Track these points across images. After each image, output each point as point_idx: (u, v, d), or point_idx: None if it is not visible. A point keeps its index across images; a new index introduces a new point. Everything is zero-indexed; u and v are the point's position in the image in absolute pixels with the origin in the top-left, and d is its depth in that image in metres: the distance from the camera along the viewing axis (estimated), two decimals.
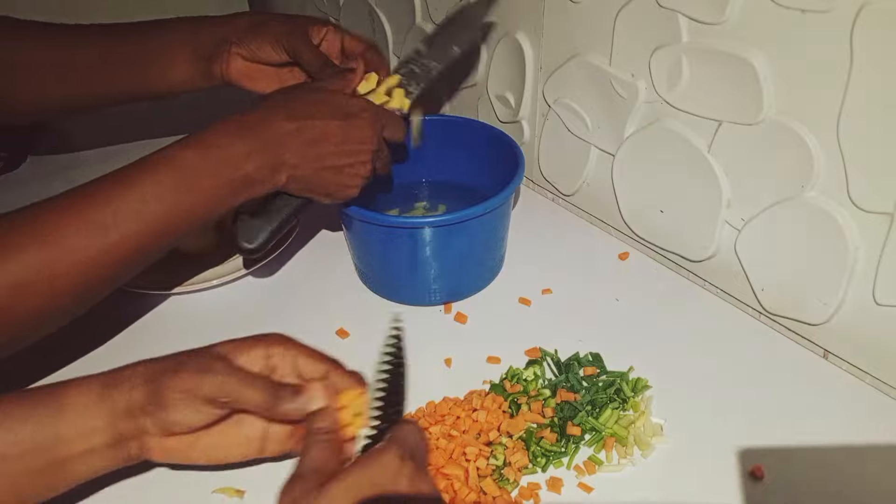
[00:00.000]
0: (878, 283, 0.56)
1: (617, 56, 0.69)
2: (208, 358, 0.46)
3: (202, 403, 0.45)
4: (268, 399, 0.46)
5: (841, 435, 0.56)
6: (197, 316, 0.70)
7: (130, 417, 0.45)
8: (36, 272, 0.48)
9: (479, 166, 0.76)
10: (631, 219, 0.75)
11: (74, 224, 0.50)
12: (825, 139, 0.55)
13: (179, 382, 0.45)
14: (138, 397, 0.45)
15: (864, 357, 0.60)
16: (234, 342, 0.48)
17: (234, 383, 0.45)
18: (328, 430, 0.44)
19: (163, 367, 0.46)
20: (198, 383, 0.45)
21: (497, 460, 0.54)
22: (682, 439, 0.56)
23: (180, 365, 0.46)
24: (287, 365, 0.49)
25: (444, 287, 0.69)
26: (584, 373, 0.62)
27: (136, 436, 0.46)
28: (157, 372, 0.46)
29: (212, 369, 0.45)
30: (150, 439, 0.46)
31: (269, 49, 0.67)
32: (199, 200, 0.54)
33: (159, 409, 0.45)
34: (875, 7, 0.48)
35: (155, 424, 0.45)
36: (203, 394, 0.45)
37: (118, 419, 0.45)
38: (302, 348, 0.49)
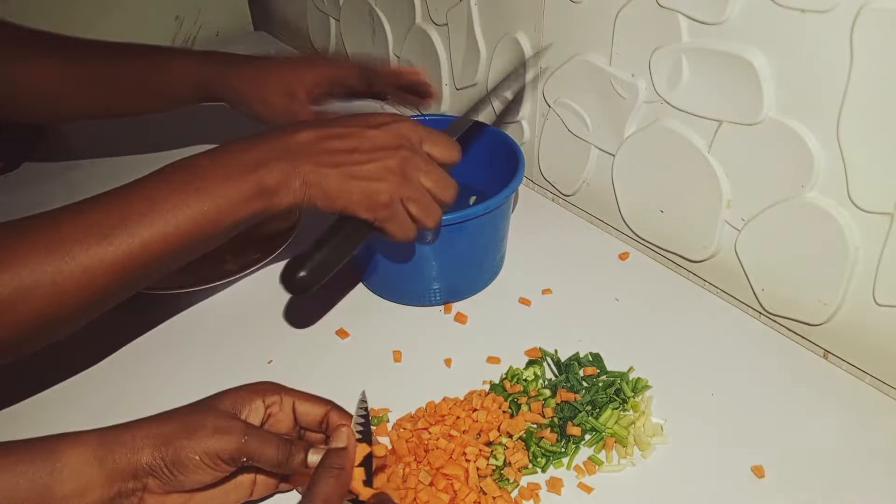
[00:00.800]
0: (878, 283, 0.56)
1: (617, 56, 0.69)
2: (221, 417, 0.46)
3: (220, 464, 0.45)
4: (282, 456, 0.46)
5: (841, 435, 0.56)
6: (197, 316, 0.70)
7: (134, 478, 0.45)
8: (41, 276, 0.48)
9: (479, 166, 0.76)
10: (631, 219, 0.75)
11: (83, 232, 0.49)
12: (825, 139, 0.55)
13: (199, 445, 0.45)
14: (147, 460, 0.44)
15: (864, 357, 0.60)
16: (232, 395, 0.48)
17: (254, 444, 0.46)
18: (340, 466, 0.45)
19: (172, 428, 0.46)
20: (219, 445, 0.45)
21: (497, 460, 0.54)
22: (682, 439, 0.56)
23: (194, 426, 0.46)
24: (284, 412, 0.49)
25: (444, 287, 0.69)
26: (584, 373, 0.62)
27: (134, 494, 0.45)
28: (168, 435, 0.45)
29: (230, 430, 0.46)
30: (149, 497, 0.46)
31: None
32: (208, 206, 0.52)
33: (175, 471, 0.45)
34: (875, 7, 0.48)
35: (161, 484, 0.45)
36: (225, 455, 0.45)
37: (118, 479, 0.44)
38: (296, 394, 0.50)
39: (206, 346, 0.67)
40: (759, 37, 0.56)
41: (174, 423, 0.46)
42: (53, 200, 0.54)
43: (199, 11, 1.25)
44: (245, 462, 0.46)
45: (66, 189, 0.89)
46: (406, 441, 0.56)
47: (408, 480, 0.53)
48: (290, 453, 0.46)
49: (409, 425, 0.57)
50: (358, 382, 0.62)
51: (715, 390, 0.60)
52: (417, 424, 0.57)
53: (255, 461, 0.46)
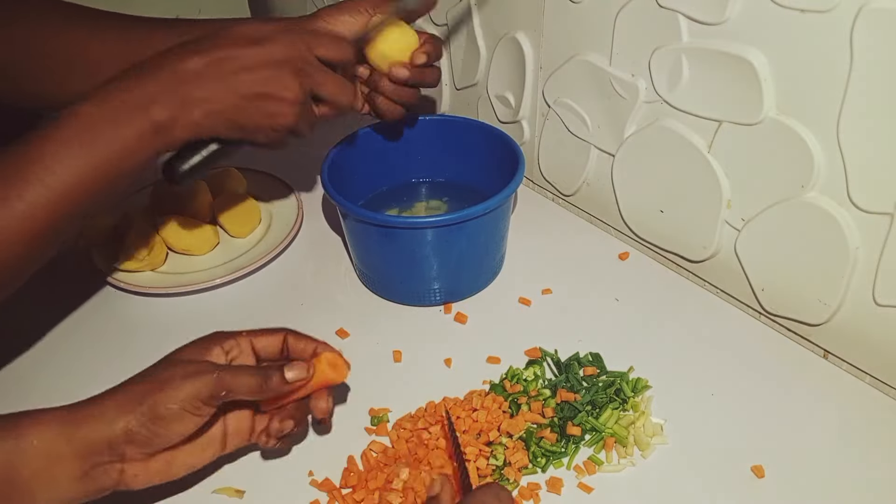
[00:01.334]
0: (878, 283, 0.56)
1: (617, 56, 0.69)
2: (187, 364, 0.46)
3: (200, 406, 0.45)
4: (260, 379, 0.46)
5: (841, 435, 0.56)
6: (197, 316, 0.70)
7: (109, 449, 0.44)
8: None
9: (479, 166, 0.76)
10: (631, 219, 0.75)
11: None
12: (825, 139, 0.55)
13: (174, 393, 0.44)
14: (122, 426, 0.44)
15: (864, 357, 0.60)
16: (189, 348, 0.48)
17: (228, 376, 0.45)
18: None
19: (142, 389, 0.45)
20: (195, 386, 0.44)
21: (497, 460, 0.54)
22: (682, 439, 0.56)
23: (163, 379, 0.45)
24: (244, 353, 0.50)
25: (444, 287, 0.69)
26: (584, 373, 0.62)
27: (112, 466, 0.44)
28: (140, 394, 0.45)
29: (200, 371, 0.45)
30: (131, 466, 0.45)
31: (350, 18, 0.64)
32: (104, 156, 0.50)
33: (155, 428, 0.44)
34: (875, 7, 0.48)
35: (140, 449, 0.44)
36: (204, 395, 0.45)
37: (91, 454, 0.43)
38: (250, 332, 0.50)
39: None
40: (759, 37, 0.56)
41: (142, 384, 0.45)
42: None
43: (199, 11, 1.25)
44: (224, 396, 0.45)
45: None
46: (406, 441, 0.56)
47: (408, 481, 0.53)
48: (266, 375, 0.46)
49: (409, 425, 0.57)
50: (358, 382, 0.62)
51: (715, 390, 0.60)
52: (417, 424, 0.57)
53: (233, 392, 0.45)
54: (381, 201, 0.78)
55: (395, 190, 0.79)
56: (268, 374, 0.47)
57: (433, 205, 0.78)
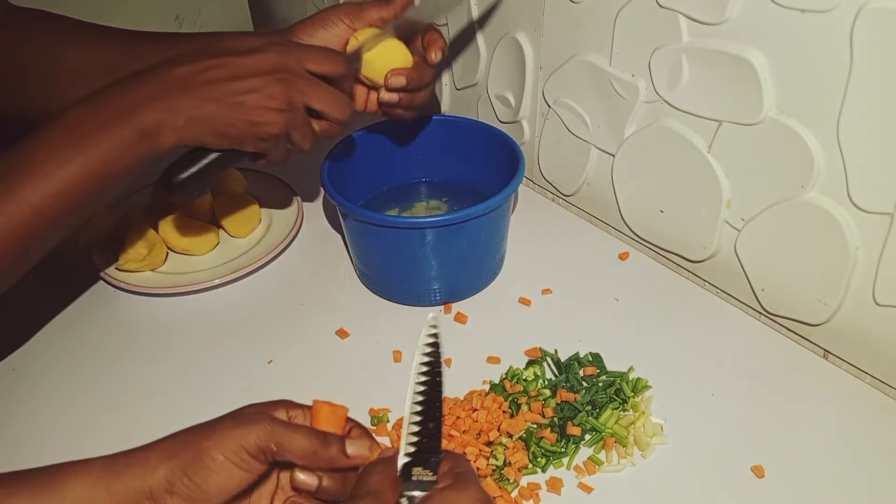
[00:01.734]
0: (878, 283, 0.56)
1: (617, 56, 0.69)
2: (244, 415, 0.43)
3: (247, 459, 0.41)
4: (316, 444, 0.42)
5: (841, 435, 0.56)
6: (197, 316, 0.70)
7: (150, 499, 0.41)
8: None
9: (479, 166, 0.76)
10: (631, 219, 0.75)
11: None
12: (825, 139, 0.55)
13: (221, 442, 0.41)
14: (164, 474, 0.41)
15: (864, 357, 0.60)
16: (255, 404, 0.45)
17: (283, 429, 0.42)
18: None
19: (189, 436, 0.42)
20: (244, 436, 0.41)
21: (497, 460, 0.54)
22: (682, 439, 0.56)
23: (213, 426, 0.42)
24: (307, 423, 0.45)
25: (444, 287, 0.69)
26: (584, 373, 0.62)
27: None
28: (186, 442, 0.42)
29: (254, 420, 0.42)
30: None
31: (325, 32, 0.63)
32: (92, 159, 0.51)
33: (196, 478, 0.41)
34: (875, 7, 0.48)
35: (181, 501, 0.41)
36: (251, 447, 0.41)
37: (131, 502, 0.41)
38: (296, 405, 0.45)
39: (206, 346, 0.67)
40: (759, 37, 0.56)
41: (191, 432, 0.43)
42: None
43: (199, 11, 1.25)
44: (276, 452, 0.42)
45: None
46: None
47: None
48: (324, 440, 0.42)
49: None
50: (358, 382, 0.62)
51: (715, 390, 0.60)
52: None
53: (285, 451, 0.42)
54: (381, 201, 0.78)
55: (395, 190, 0.79)
56: (327, 440, 0.43)
57: (433, 205, 0.78)
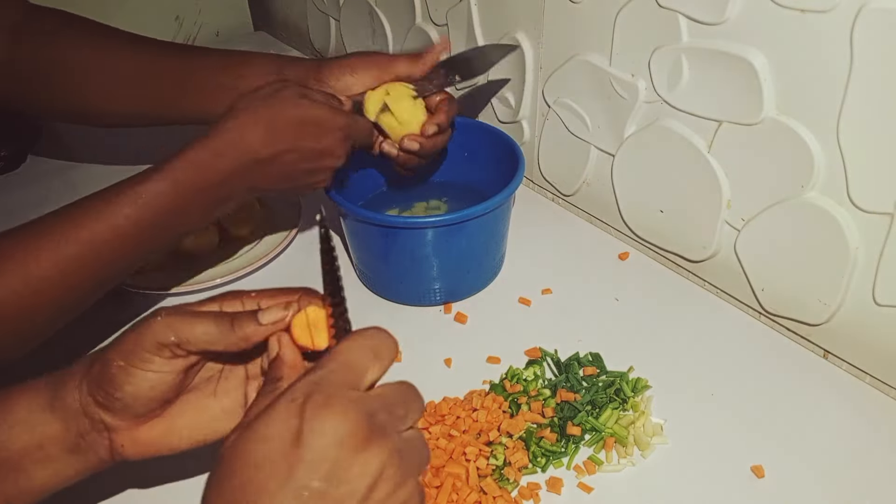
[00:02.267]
0: (878, 283, 0.56)
1: (617, 56, 0.69)
2: (149, 317, 0.41)
3: (149, 356, 0.40)
4: (222, 326, 0.40)
5: (841, 435, 0.56)
6: None
7: (86, 416, 0.41)
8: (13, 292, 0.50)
9: (479, 166, 0.76)
10: (631, 219, 0.75)
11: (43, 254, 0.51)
12: (825, 139, 0.55)
13: (121, 349, 0.40)
14: (87, 390, 0.41)
15: (864, 357, 0.60)
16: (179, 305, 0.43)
17: (179, 321, 0.40)
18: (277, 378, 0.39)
19: (103, 351, 0.42)
20: (140, 336, 0.40)
21: (497, 460, 0.54)
22: (682, 439, 0.56)
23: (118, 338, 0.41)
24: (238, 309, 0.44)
25: (444, 287, 0.69)
26: (584, 373, 0.62)
27: (99, 435, 0.42)
28: (97, 357, 0.41)
29: (152, 317, 0.41)
30: (117, 436, 0.42)
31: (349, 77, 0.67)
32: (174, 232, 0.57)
33: (109, 389, 0.40)
34: (875, 7, 0.48)
35: (114, 414, 0.41)
36: (149, 344, 0.40)
37: (73, 421, 0.41)
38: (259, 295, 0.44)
39: None
40: (759, 37, 0.56)
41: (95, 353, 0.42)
42: (54, 199, 0.54)
43: (199, 11, 1.25)
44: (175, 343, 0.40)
45: (68, 188, 0.89)
46: None
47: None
48: (232, 322, 0.40)
49: None
50: None
51: (715, 390, 0.60)
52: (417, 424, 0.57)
53: (189, 343, 0.40)
54: (381, 201, 0.78)
55: (395, 190, 0.79)
56: (237, 319, 0.40)
57: (433, 205, 0.78)
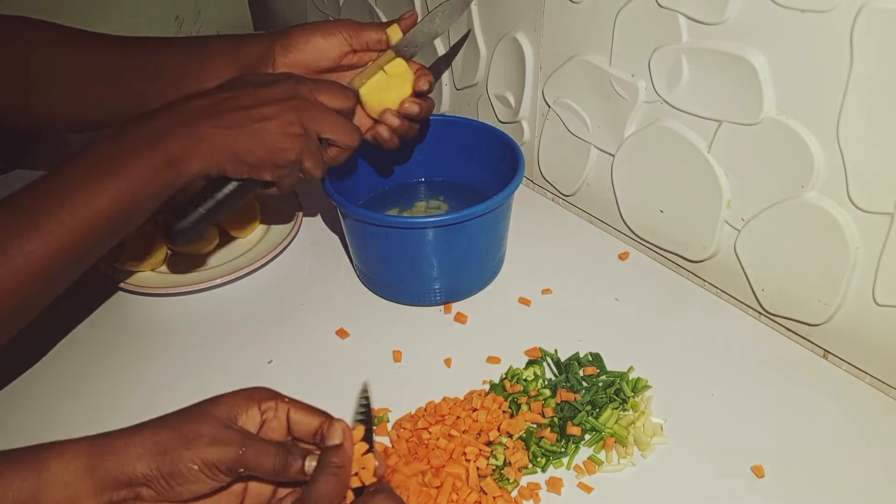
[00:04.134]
0: (878, 283, 0.56)
1: (617, 56, 0.69)
2: (218, 425, 0.45)
3: (218, 475, 0.44)
4: (279, 465, 0.45)
5: (841, 435, 0.56)
6: (197, 316, 0.70)
7: (128, 486, 0.43)
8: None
9: (479, 166, 0.76)
10: (631, 219, 0.75)
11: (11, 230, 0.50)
12: (825, 139, 0.55)
13: (196, 455, 0.44)
14: (142, 470, 0.43)
15: (864, 357, 0.60)
16: (229, 401, 0.47)
17: (252, 454, 0.44)
18: (340, 465, 0.44)
19: (168, 437, 0.44)
20: (217, 455, 0.44)
21: (497, 460, 0.54)
22: (682, 439, 0.56)
23: (191, 435, 0.44)
24: (279, 420, 0.48)
25: (445, 287, 0.69)
26: (584, 373, 0.62)
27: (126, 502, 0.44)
28: (165, 444, 0.44)
29: (228, 440, 0.44)
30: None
31: (322, 41, 0.66)
32: (122, 185, 0.53)
33: (172, 482, 0.43)
34: (875, 7, 0.48)
35: (155, 494, 0.44)
36: (222, 466, 0.44)
37: (110, 488, 0.43)
38: (292, 403, 0.48)
39: (206, 346, 0.67)
40: (759, 37, 0.56)
41: (170, 430, 0.45)
42: None
43: (199, 11, 1.25)
44: (242, 472, 0.45)
45: None
46: (406, 441, 0.56)
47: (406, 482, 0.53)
48: (286, 462, 0.45)
49: (409, 425, 0.57)
50: (358, 382, 0.62)
51: (715, 390, 0.60)
52: (417, 424, 0.57)
53: (251, 471, 0.45)
54: (381, 201, 0.78)
55: (395, 190, 0.79)
56: (289, 462, 0.45)
57: (433, 205, 0.78)
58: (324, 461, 0.44)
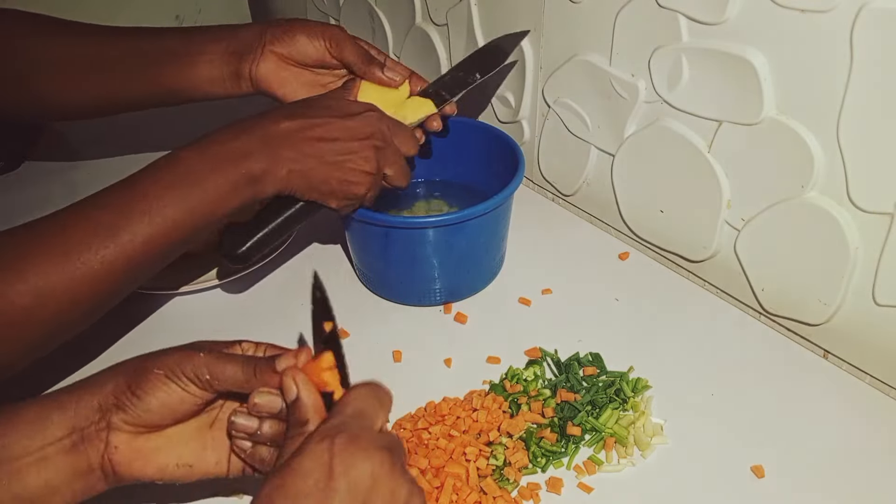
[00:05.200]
0: (878, 283, 0.56)
1: (617, 56, 0.69)
2: (188, 346, 0.47)
3: (184, 381, 0.45)
4: (248, 370, 0.45)
5: (841, 435, 0.56)
6: (198, 316, 0.70)
7: (98, 413, 0.44)
8: (55, 279, 0.49)
9: (479, 166, 0.76)
10: (631, 219, 0.75)
11: (91, 234, 0.51)
12: (825, 139, 0.55)
13: (162, 361, 0.45)
14: (110, 388, 0.44)
15: (864, 357, 0.60)
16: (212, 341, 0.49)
17: (214, 358, 0.45)
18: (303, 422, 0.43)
19: (138, 359, 0.46)
20: (180, 360, 0.45)
21: (497, 460, 0.54)
22: (682, 439, 0.56)
23: (160, 352, 0.46)
24: None
25: (445, 287, 0.69)
26: (584, 373, 0.62)
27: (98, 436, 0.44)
28: (134, 362, 0.46)
29: (193, 349, 0.46)
30: (116, 436, 0.44)
31: (305, 40, 0.66)
32: (202, 199, 0.54)
33: (139, 392, 0.44)
34: (875, 7, 0.48)
35: (126, 418, 0.44)
36: (188, 371, 0.44)
37: (80, 420, 0.44)
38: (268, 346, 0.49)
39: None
40: (759, 37, 0.56)
41: (137, 357, 0.46)
42: (54, 200, 0.54)
43: (199, 11, 1.25)
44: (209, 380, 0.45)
45: (67, 189, 0.89)
46: (406, 441, 0.56)
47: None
48: (255, 367, 0.45)
49: (409, 425, 0.57)
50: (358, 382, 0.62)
51: (715, 390, 0.60)
52: (417, 424, 0.57)
53: (218, 378, 0.45)
54: (382, 201, 0.78)
55: (395, 190, 0.79)
56: (258, 366, 0.45)
57: (434, 205, 0.78)
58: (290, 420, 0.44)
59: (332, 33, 0.67)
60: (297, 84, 0.68)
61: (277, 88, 0.67)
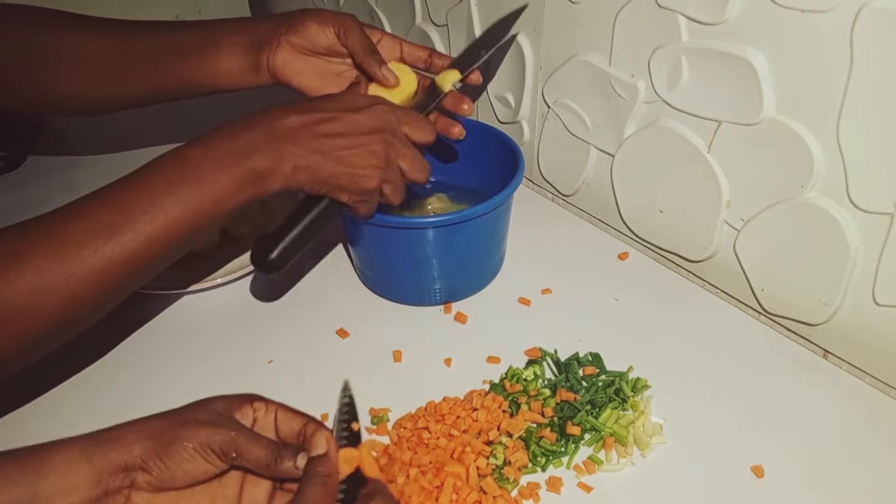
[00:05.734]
0: (878, 283, 0.56)
1: (617, 56, 0.69)
2: (212, 413, 0.47)
3: (211, 456, 0.45)
4: (271, 457, 0.46)
5: (841, 435, 0.56)
6: (198, 316, 0.70)
7: (124, 472, 0.44)
8: (54, 277, 0.49)
9: (479, 166, 0.76)
10: (631, 219, 0.75)
11: (91, 232, 0.50)
12: (825, 139, 0.55)
13: (192, 434, 0.45)
14: (138, 452, 0.44)
15: (864, 357, 0.60)
16: (223, 398, 0.48)
17: (244, 439, 0.46)
18: (327, 474, 0.45)
19: (163, 423, 0.46)
20: (211, 435, 0.45)
21: (497, 460, 0.54)
22: (682, 439, 0.56)
23: (186, 419, 0.46)
24: (268, 420, 0.49)
25: (445, 287, 0.69)
26: (583, 372, 0.62)
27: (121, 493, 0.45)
28: (160, 427, 0.45)
29: (222, 424, 0.46)
30: (138, 495, 0.45)
31: (316, 28, 0.66)
32: (205, 197, 0.53)
33: (166, 460, 0.45)
34: (875, 7, 0.49)
35: (150, 479, 0.45)
36: (215, 446, 0.45)
37: (106, 475, 0.44)
38: (279, 405, 0.49)
39: (206, 345, 0.67)
40: (759, 37, 0.56)
41: (166, 418, 0.46)
42: (54, 199, 0.54)
43: (199, 11, 1.25)
44: (234, 458, 0.45)
45: (67, 188, 0.89)
46: (406, 441, 0.56)
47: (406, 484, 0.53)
48: (279, 454, 0.46)
49: (409, 425, 0.57)
50: (358, 382, 0.62)
51: (715, 390, 0.60)
52: (418, 424, 0.57)
53: (244, 458, 0.46)
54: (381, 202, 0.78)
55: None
56: (281, 454, 0.46)
57: (434, 204, 0.78)
58: (311, 470, 0.45)
59: (342, 21, 0.67)
60: (312, 73, 0.68)
61: (293, 78, 0.67)
